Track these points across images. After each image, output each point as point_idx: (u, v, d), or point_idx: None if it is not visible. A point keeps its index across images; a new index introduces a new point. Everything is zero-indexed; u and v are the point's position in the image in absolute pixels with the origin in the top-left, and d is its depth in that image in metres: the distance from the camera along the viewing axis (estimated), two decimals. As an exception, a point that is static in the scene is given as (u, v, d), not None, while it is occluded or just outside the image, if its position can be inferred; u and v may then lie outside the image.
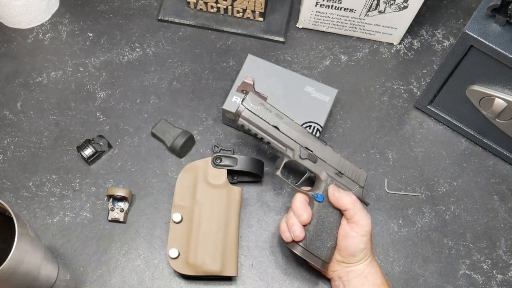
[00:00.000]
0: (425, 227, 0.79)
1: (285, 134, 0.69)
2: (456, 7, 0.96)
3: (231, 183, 0.78)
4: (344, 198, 0.67)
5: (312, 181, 0.73)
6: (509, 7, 0.65)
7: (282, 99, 0.79)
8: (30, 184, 0.79)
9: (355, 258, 0.67)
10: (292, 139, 0.69)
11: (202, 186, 0.74)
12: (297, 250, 0.68)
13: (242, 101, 0.69)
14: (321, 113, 0.79)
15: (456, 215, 0.80)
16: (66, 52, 0.89)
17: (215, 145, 0.79)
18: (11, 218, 0.57)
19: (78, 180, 0.79)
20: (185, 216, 0.73)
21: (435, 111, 0.85)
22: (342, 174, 0.70)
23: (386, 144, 0.84)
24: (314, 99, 0.80)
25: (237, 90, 0.80)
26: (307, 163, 0.70)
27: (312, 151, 0.70)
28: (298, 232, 0.67)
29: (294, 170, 0.81)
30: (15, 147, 0.81)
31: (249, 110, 0.68)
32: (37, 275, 0.65)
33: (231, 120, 0.81)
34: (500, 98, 0.72)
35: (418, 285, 0.75)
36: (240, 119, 0.69)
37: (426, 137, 0.85)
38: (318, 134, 0.77)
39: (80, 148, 0.79)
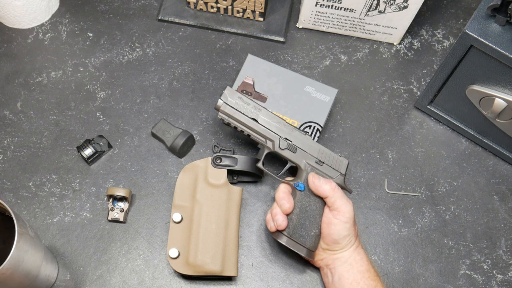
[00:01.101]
0: (425, 227, 0.79)
1: (264, 126, 0.71)
2: (456, 7, 0.96)
3: (231, 183, 0.78)
4: (324, 186, 0.69)
5: (296, 171, 0.74)
6: (509, 7, 0.65)
7: (282, 99, 0.79)
8: (30, 184, 0.79)
9: (339, 245, 0.69)
10: (271, 130, 0.71)
11: (202, 186, 0.74)
12: (282, 240, 0.69)
13: (220, 96, 0.71)
14: (321, 113, 0.79)
15: (456, 215, 0.80)
16: (66, 52, 0.89)
17: (215, 145, 0.79)
18: (11, 218, 0.57)
19: (78, 180, 0.79)
20: (185, 216, 0.73)
21: (435, 111, 0.85)
22: (323, 162, 0.71)
23: (386, 144, 0.84)
24: (314, 99, 0.80)
25: (237, 90, 0.80)
26: (286, 153, 0.71)
27: (291, 141, 0.71)
28: (280, 221, 0.69)
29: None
30: (15, 147, 0.81)
31: (227, 104, 0.71)
32: (37, 275, 0.65)
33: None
34: (500, 98, 0.72)
35: (418, 285, 0.75)
36: (220, 113, 0.71)
37: (426, 137, 0.85)
38: (318, 134, 0.77)
39: (80, 148, 0.79)
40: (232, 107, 0.71)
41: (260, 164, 0.72)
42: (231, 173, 0.79)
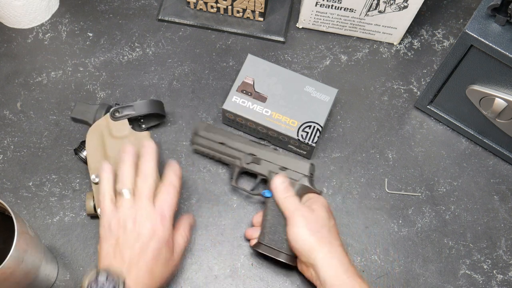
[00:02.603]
0: (425, 227, 0.79)
1: (231, 147, 0.77)
2: (456, 7, 0.96)
3: (143, 129, 0.79)
4: (274, 180, 0.71)
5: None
6: (509, 6, 0.65)
7: (282, 99, 0.79)
8: (30, 184, 0.79)
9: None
10: (237, 149, 0.76)
11: (110, 141, 0.74)
12: (260, 248, 0.71)
13: (192, 131, 0.79)
14: (321, 113, 0.79)
15: (456, 215, 0.80)
16: (66, 52, 0.89)
17: (115, 103, 0.77)
18: (11, 218, 0.57)
19: (78, 180, 0.79)
20: None
21: (435, 111, 0.85)
22: (286, 168, 0.74)
23: (386, 144, 0.84)
24: (314, 99, 0.80)
25: (237, 90, 0.80)
26: (252, 167, 0.76)
27: (255, 155, 0.76)
28: (247, 230, 0.75)
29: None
30: (15, 147, 0.81)
31: (200, 136, 0.78)
32: (36, 275, 0.65)
33: (231, 120, 0.81)
34: (500, 98, 0.72)
35: (418, 285, 0.75)
36: (194, 145, 0.79)
37: (426, 137, 0.85)
38: (318, 134, 0.77)
39: (78, 150, 0.78)
40: (204, 137, 0.78)
41: (234, 183, 0.77)
42: (137, 122, 0.79)
